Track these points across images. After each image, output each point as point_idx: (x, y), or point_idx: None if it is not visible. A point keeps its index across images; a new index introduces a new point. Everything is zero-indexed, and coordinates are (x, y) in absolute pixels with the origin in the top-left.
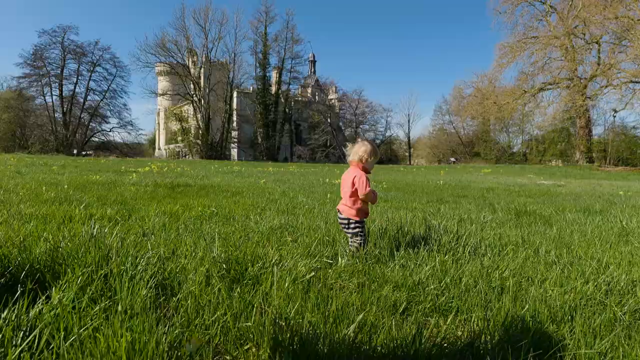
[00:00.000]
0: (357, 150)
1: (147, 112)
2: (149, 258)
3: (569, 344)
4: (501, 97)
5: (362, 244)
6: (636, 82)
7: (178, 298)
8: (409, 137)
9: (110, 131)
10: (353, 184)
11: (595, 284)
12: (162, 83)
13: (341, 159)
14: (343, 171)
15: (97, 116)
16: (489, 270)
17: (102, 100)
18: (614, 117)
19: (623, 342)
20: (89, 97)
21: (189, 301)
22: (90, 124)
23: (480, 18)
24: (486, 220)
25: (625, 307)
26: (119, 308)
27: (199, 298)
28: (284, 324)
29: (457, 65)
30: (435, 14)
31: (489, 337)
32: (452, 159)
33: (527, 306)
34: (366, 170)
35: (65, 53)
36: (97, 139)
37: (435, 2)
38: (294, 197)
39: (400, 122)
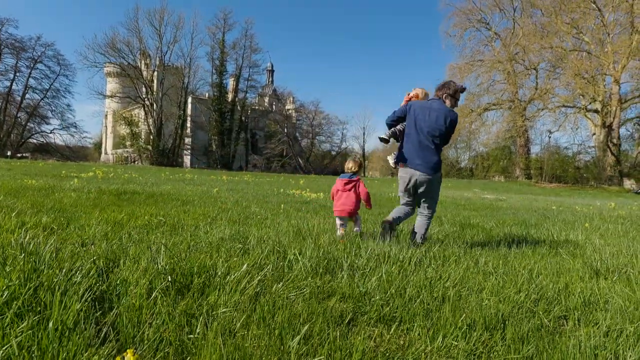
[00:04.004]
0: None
1: (94, 114)
2: (86, 269)
3: (500, 350)
4: None
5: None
6: (568, 107)
7: (116, 312)
8: (363, 150)
9: (50, 133)
10: None
11: (527, 293)
12: (111, 84)
13: (297, 170)
14: (299, 182)
15: (36, 116)
16: (432, 281)
17: (42, 99)
18: (549, 137)
19: (547, 346)
20: (27, 96)
21: (128, 315)
22: (28, 124)
23: (434, 38)
24: (433, 232)
25: (551, 314)
26: (50, 325)
27: (140, 311)
28: (228, 337)
29: (410, 81)
30: (390, 30)
31: (428, 346)
32: None
33: (464, 315)
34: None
35: (2, 47)
36: (35, 141)
37: (391, 20)
38: (247, 207)
39: (356, 134)
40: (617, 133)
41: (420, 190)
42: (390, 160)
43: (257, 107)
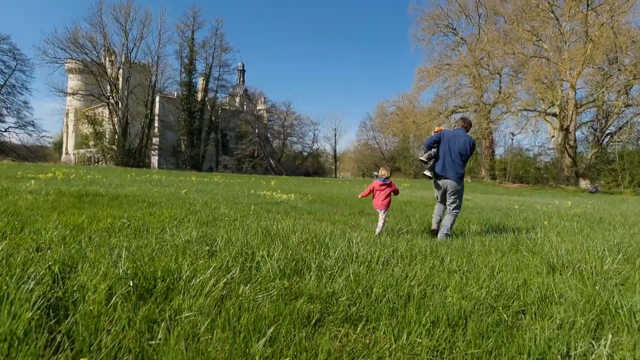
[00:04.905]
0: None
1: (53, 113)
2: (40, 276)
3: (462, 345)
4: (419, 117)
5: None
6: (529, 110)
7: (72, 320)
8: (335, 151)
9: (5, 131)
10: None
11: (488, 289)
12: (73, 81)
13: (268, 170)
14: (270, 183)
15: None
16: (399, 280)
17: None
18: (512, 139)
19: (506, 341)
20: None
21: (84, 322)
22: None
23: (404, 41)
24: (402, 231)
25: (510, 310)
26: None
27: (98, 318)
28: (191, 342)
29: (381, 84)
30: (363, 30)
31: (393, 344)
32: (375, 173)
33: (427, 313)
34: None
35: None
36: None
37: (363, 22)
38: (216, 208)
39: (327, 135)
40: (573, 136)
41: (451, 193)
42: (428, 173)
43: (227, 107)
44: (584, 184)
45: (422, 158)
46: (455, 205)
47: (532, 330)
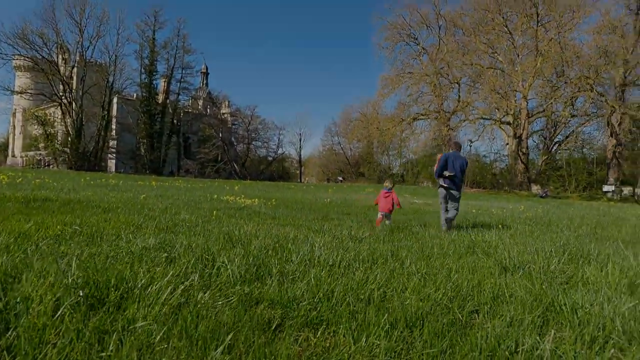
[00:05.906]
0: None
1: None
2: None
3: (419, 346)
4: (383, 123)
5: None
6: (485, 119)
7: (13, 334)
8: (300, 156)
9: None
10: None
11: (444, 290)
12: (22, 79)
13: (232, 175)
14: (234, 187)
15: None
16: (360, 284)
17: None
18: (470, 146)
19: (460, 340)
20: None
21: (27, 335)
22: None
23: (369, 48)
24: (364, 236)
25: (465, 310)
26: None
27: (42, 331)
28: (145, 352)
29: (346, 89)
30: (328, 38)
31: (352, 346)
32: (340, 178)
33: (386, 315)
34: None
35: None
36: None
37: (330, 27)
38: (176, 214)
39: (292, 140)
40: (525, 144)
41: (454, 199)
42: (442, 182)
43: (190, 110)
44: (535, 188)
45: (447, 174)
46: (456, 206)
47: (484, 329)
